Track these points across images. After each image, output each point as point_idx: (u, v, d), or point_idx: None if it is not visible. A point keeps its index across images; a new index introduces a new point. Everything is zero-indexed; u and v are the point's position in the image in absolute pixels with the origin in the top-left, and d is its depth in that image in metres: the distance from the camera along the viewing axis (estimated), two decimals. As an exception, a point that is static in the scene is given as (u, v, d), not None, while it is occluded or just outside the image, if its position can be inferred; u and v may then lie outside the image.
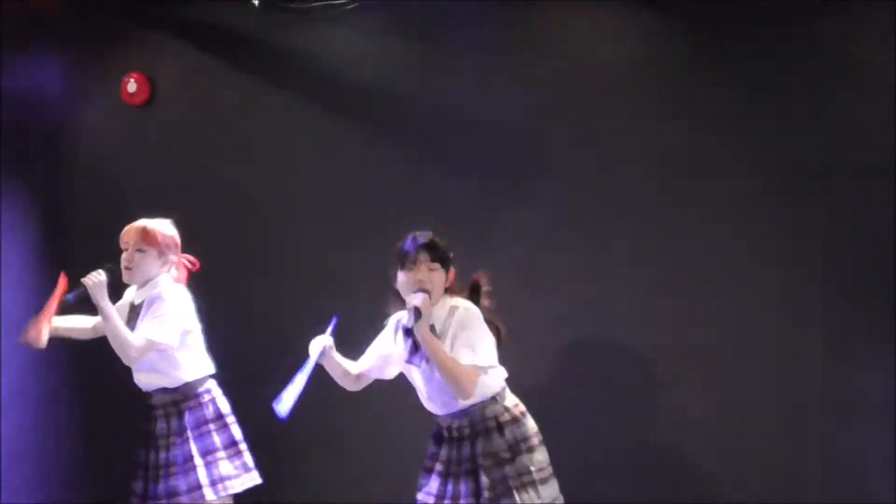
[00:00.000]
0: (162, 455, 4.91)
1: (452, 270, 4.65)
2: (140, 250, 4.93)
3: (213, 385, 5.06)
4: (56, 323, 4.94)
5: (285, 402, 4.34)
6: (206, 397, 5.00)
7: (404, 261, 4.53)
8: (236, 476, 4.96)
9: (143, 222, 5.00)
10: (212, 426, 4.96)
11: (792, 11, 5.42)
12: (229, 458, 4.97)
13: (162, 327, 4.82)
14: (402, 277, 4.54)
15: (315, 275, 6.11)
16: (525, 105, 5.88)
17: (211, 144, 6.46)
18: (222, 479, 4.91)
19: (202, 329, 5.08)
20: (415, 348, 4.53)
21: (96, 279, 4.75)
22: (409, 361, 4.60)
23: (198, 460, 4.88)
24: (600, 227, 5.72)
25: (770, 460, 5.38)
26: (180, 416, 4.94)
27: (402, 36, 6.14)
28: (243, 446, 5.03)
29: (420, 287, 4.46)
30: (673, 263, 5.60)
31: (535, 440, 4.60)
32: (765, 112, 5.48)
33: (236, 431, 5.03)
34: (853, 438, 5.25)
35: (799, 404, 5.35)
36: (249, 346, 6.13)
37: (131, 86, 6.56)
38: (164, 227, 5.03)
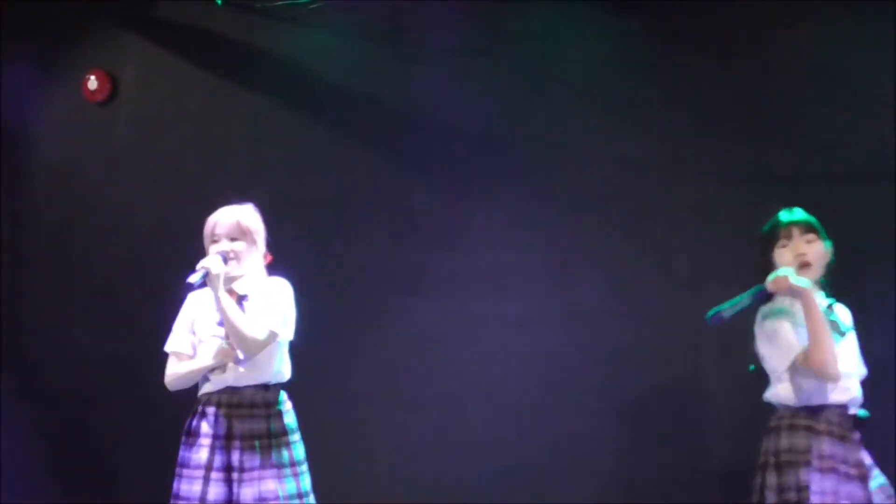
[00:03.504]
0: (247, 456, 4.49)
1: None
2: (235, 239, 4.60)
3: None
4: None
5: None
6: (289, 405, 4.70)
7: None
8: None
9: (235, 210, 4.69)
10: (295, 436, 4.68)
11: (764, 16, 5.47)
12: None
13: (284, 320, 4.57)
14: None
15: (281, 273, 6.10)
16: (491, 106, 5.89)
17: (176, 142, 6.42)
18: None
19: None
20: None
21: (218, 266, 4.46)
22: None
23: (299, 467, 4.59)
24: (567, 229, 5.72)
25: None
26: (277, 417, 4.60)
27: (367, 36, 6.12)
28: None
29: None
30: (639, 266, 5.64)
31: None
32: (734, 116, 5.54)
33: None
34: None
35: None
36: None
37: (92, 83, 6.55)
38: (254, 214, 4.76)
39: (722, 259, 5.50)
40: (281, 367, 4.63)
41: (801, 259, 4.24)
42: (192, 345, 4.64)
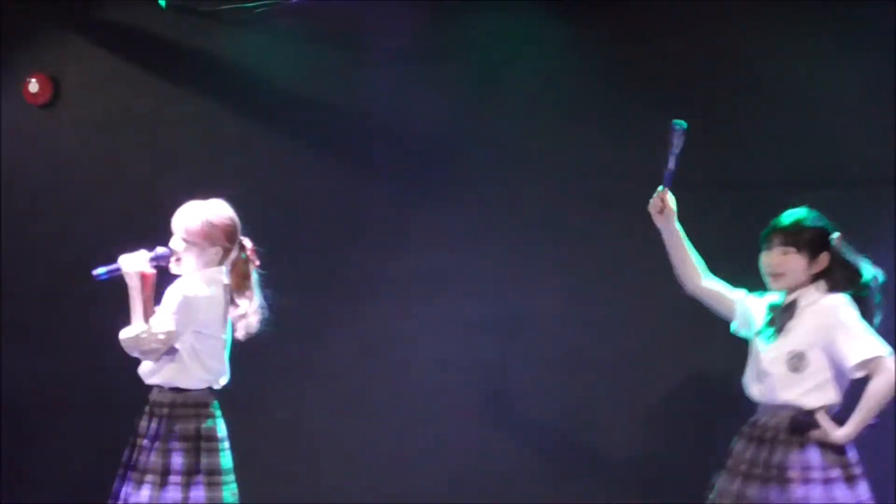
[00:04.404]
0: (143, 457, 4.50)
1: None
2: (182, 237, 4.57)
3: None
4: None
5: None
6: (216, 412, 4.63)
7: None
8: None
9: (190, 208, 4.64)
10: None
11: (722, 20, 5.49)
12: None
13: (173, 323, 4.46)
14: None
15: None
16: (443, 111, 5.87)
17: (120, 146, 6.34)
18: None
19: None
20: None
21: (132, 266, 4.47)
22: None
23: (178, 477, 4.46)
24: (520, 234, 5.73)
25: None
26: (196, 420, 4.54)
27: (315, 40, 6.09)
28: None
29: None
30: (592, 272, 5.66)
31: None
32: (689, 121, 5.56)
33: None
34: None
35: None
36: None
37: (33, 86, 6.47)
38: (210, 215, 4.66)
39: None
40: (207, 371, 4.56)
41: (771, 270, 4.28)
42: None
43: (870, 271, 4.25)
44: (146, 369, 4.57)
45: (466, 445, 5.76)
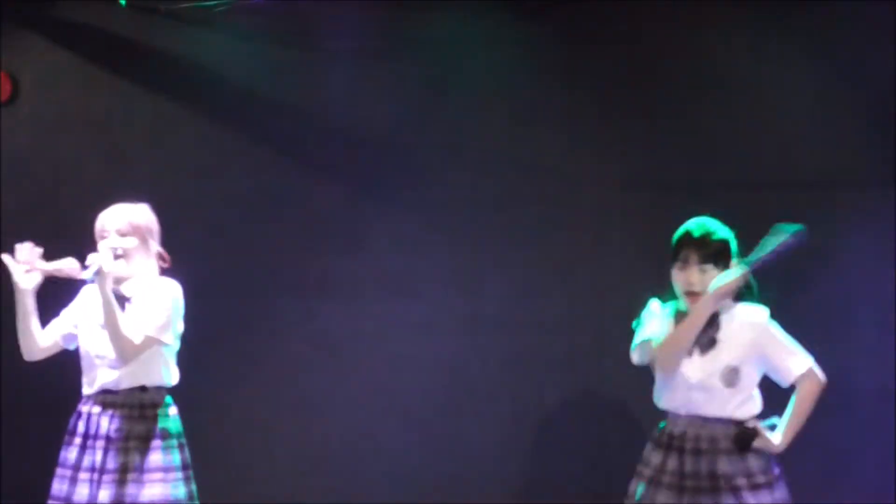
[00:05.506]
0: (112, 458, 4.44)
1: None
2: (125, 235, 4.51)
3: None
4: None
5: None
6: (173, 410, 4.62)
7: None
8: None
9: (126, 207, 4.58)
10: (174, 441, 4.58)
11: (672, 22, 5.56)
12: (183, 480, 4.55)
13: (165, 325, 4.48)
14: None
15: (188, 277, 6.05)
16: (396, 111, 5.90)
17: (77, 145, 6.30)
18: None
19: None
20: None
21: (109, 263, 4.37)
22: None
23: (161, 474, 4.47)
24: (471, 235, 5.77)
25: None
26: (153, 420, 4.51)
27: (272, 40, 6.08)
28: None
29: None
30: (542, 273, 5.70)
31: None
32: (638, 123, 5.61)
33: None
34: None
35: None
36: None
37: (-8, 84, 6.44)
38: (146, 213, 4.64)
39: (625, 266, 5.56)
40: (162, 370, 4.56)
41: (688, 288, 4.21)
42: (60, 327, 4.64)
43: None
44: (115, 374, 4.50)
45: (422, 444, 5.79)
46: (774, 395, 4.29)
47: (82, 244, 4.95)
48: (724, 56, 5.56)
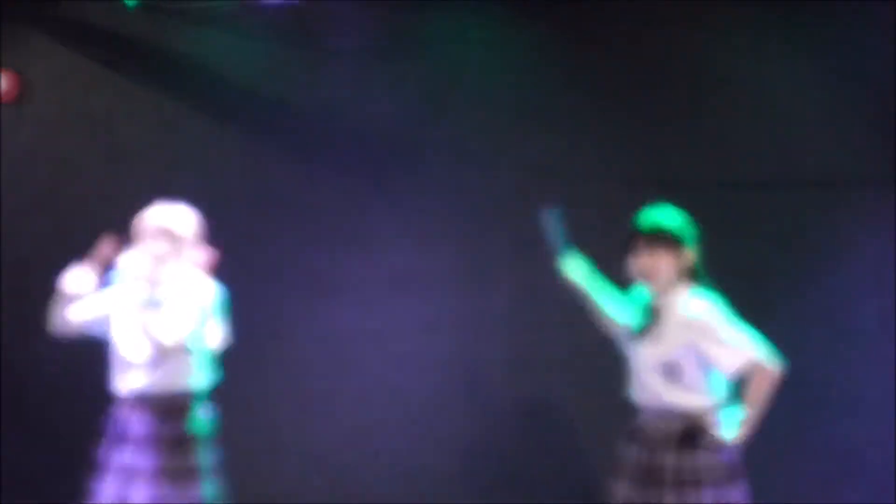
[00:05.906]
0: (143, 459, 4.52)
1: None
2: (160, 240, 4.54)
3: None
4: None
5: None
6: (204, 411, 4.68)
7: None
8: None
9: (164, 210, 4.60)
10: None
11: (675, 24, 5.62)
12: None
13: (196, 329, 4.53)
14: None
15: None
16: (400, 110, 5.95)
17: (82, 143, 6.37)
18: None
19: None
20: None
21: (137, 268, 4.46)
22: None
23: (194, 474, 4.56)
24: (475, 234, 5.81)
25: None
26: (183, 422, 4.58)
27: (276, 39, 6.14)
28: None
29: None
30: (546, 272, 5.69)
31: None
32: (641, 122, 5.63)
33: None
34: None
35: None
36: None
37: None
38: (184, 215, 4.66)
39: (627, 265, 5.55)
40: (192, 373, 4.62)
41: (642, 273, 4.28)
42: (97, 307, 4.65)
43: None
44: (146, 377, 4.56)
45: (426, 443, 5.80)
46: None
47: (85, 244, 5.00)
48: (725, 56, 5.57)
